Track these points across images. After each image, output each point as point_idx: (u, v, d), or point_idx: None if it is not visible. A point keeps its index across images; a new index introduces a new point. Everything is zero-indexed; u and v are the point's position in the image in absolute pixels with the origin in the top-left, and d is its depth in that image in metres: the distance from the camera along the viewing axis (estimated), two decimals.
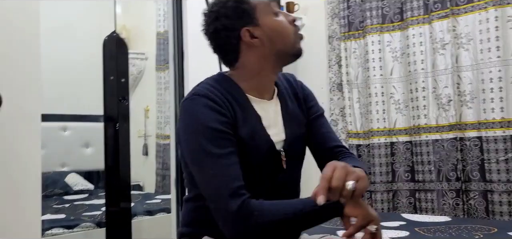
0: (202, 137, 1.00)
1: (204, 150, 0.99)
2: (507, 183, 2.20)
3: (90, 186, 3.35)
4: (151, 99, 3.71)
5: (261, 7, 1.10)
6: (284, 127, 1.15)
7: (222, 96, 1.05)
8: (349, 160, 1.14)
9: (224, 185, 0.96)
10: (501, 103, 2.23)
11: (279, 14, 1.12)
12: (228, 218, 0.95)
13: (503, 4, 2.23)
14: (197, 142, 1.00)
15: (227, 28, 1.08)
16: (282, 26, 1.11)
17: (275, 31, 1.10)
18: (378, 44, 2.67)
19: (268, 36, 1.09)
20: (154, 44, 3.67)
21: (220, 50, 1.13)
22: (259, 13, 1.09)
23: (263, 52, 1.10)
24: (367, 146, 2.71)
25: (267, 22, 1.09)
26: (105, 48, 2.01)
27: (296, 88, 1.25)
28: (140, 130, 3.77)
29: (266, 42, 1.09)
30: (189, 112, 1.04)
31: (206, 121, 1.00)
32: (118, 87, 2.01)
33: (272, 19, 1.10)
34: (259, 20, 1.09)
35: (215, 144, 0.99)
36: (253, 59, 1.10)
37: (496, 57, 2.25)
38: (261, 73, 1.12)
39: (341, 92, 2.85)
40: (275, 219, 0.95)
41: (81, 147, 3.48)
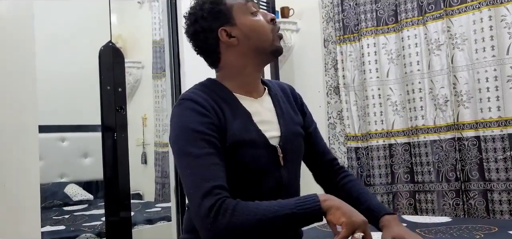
0: (183, 139, 1.03)
1: (183, 151, 1.02)
2: (506, 182, 2.21)
3: (89, 196, 3.34)
4: (148, 107, 3.71)
5: (237, 7, 1.13)
6: (279, 124, 1.16)
7: (209, 98, 1.07)
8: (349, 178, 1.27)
9: (198, 184, 0.97)
10: (498, 102, 2.24)
11: (256, 14, 1.15)
12: (199, 217, 0.95)
13: (496, 4, 2.24)
14: (179, 144, 1.03)
15: (204, 29, 1.12)
16: (259, 25, 1.13)
17: (251, 29, 1.13)
18: (373, 46, 2.69)
19: (244, 34, 1.12)
20: (150, 53, 3.68)
21: (201, 51, 1.17)
22: (235, 13, 1.12)
23: (241, 50, 1.13)
24: (365, 149, 2.72)
25: (243, 21, 1.12)
26: (101, 58, 2.01)
27: (291, 96, 1.28)
28: (138, 138, 3.76)
29: (243, 41, 1.12)
30: (175, 117, 1.07)
31: (187, 122, 1.03)
32: (116, 97, 2.01)
33: (249, 18, 1.13)
34: (235, 20, 1.12)
35: (194, 144, 1.01)
36: (233, 58, 1.14)
37: (491, 56, 2.26)
38: (243, 72, 1.14)
39: (338, 96, 2.86)
40: (251, 220, 0.93)
41: (80, 157, 3.47)
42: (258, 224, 0.93)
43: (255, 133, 1.09)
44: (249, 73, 1.15)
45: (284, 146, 1.13)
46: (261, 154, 1.09)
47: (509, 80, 2.20)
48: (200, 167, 0.99)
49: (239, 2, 1.14)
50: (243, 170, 1.05)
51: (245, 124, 1.09)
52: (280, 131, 1.14)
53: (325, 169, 1.31)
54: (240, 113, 1.10)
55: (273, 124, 1.15)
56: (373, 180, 2.65)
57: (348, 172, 1.32)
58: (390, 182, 2.62)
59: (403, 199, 2.56)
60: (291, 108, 1.24)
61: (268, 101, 1.19)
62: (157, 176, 3.60)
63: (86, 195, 3.34)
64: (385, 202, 2.61)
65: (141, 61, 3.85)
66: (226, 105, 1.09)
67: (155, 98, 3.65)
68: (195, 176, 0.98)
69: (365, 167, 2.72)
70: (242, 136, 1.06)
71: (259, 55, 1.15)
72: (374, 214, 1.17)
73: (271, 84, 1.25)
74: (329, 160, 1.31)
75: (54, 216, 2.84)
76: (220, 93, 1.11)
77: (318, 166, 1.31)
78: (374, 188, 2.65)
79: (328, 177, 1.31)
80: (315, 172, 1.33)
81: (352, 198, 1.22)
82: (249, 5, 1.14)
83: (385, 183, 2.63)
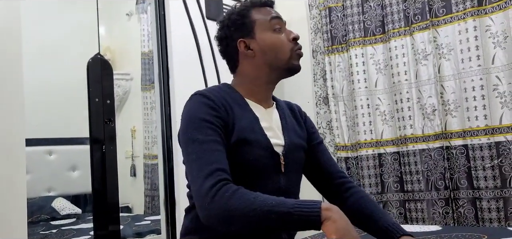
0: (190, 127, 1.07)
1: (190, 138, 1.06)
2: (494, 190, 2.23)
3: (77, 210, 3.30)
4: (137, 119, 3.69)
5: (260, 22, 1.20)
6: (283, 134, 1.21)
7: (221, 97, 1.13)
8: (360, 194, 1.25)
9: (203, 167, 1.00)
10: (484, 111, 2.27)
11: (279, 31, 1.20)
12: (200, 196, 0.97)
13: (480, 15, 2.28)
14: (187, 133, 1.07)
15: (227, 37, 1.22)
16: (277, 42, 1.19)
17: (268, 45, 1.18)
18: (361, 57, 2.71)
19: (261, 49, 1.18)
20: (139, 64, 3.66)
21: (223, 56, 1.26)
22: (257, 28, 1.19)
23: (257, 63, 1.19)
24: (355, 158, 2.73)
25: (262, 37, 1.19)
26: (89, 70, 1.99)
27: (297, 113, 1.34)
28: (127, 150, 3.73)
29: (260, 54, 1.18)
30: (185, 110, 1.12)
31: (196, 113, 1.08)
32: (104, 109, 2.00)
33: (268, 34, 1.19)
34: (255, 34, 1.19)
35: (201, 131, 1.05)
36: (249, 68, 1.21)
37: (476, 66, 2.29)
38: (256, 82, 1.21)
39: (327, 106, 2.87)
40: (246, 208, 0.93)
41: (68, 170, 3.43)
42: (252, 213, 0.93)
43: (261, 135, 1.14)
44: (262, 85, 1.21)
45: (286, 154, 1.18)
46: (264, 156, 1.13)
47: (495, 89, 2.24)
48: (205, 152, 1.02)
49: (262, 18, 1.20)
50: (245, 169, 1.09)
51: (252, 124, 1.14)
52: (284, 141, 1.19)
53: (332, 184, 1.29)
54: (249, 115, 1.15)
55: (278, 133, 1.20)
56: (363, 190, 2.66)
57: (357, 186, 1.29)
58: (380, 192, 2.63)
59: (394, 208, 2.57)
60: (297, 123, 1.29)
61: (276, 114, 1.25)
62: (146, 189, 3.57)
63: (74, 209, 3.29)
64: None
65: (130, 73, 3.84)
66: (236, 106, 1.14)
67: (144, 110, 3.64)
68: (200, 160, 1.02)
69: (355, 177, 2.73)
70: (248, 134, 1.11)
71: (273, 70, 1.20)
72: (391, 234, 1.13)
73: (280, 101, 1.32)
74: (335, 174, 1.30)
75: (42, 231, 2.79)
76: (232, 95, 1.18)
77: (324, 181, 1.30)
78: None
79: (335, 193, 1.28)
80: (321, 188, 1.32)
81: (365, 215, 1.20)
82: (273, 22, 1.20)
83: (375, 192, 2.64)
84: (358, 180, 2.69)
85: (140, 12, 3.64)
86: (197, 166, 1.01)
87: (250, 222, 0.94)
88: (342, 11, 2.80)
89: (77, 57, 2.39)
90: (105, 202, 1.99)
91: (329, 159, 1.33)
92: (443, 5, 2.42)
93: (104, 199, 1.98)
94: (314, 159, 1.30)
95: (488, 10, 2.27)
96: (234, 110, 1.12)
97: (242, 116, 1.13)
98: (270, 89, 1.25)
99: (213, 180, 0.97)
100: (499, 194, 2.22)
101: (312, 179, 1.33)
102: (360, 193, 1.26)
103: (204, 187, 0.97)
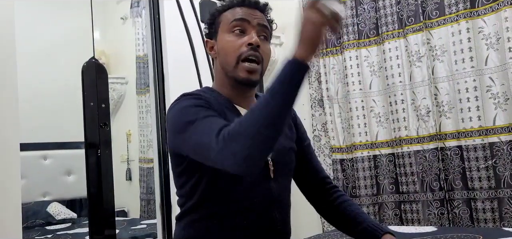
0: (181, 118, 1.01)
1: (184, 126, 1.00)
2: (489, 190, 2.24)
3: (73, 215, 3.28)
4: (132, 123, 3.68)
5: (223, 23, 1.14)
6: None
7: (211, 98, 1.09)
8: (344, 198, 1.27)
9: (208, 132, 0.93)
10: (478, 112, 2.28)
11: (240, 34, 1.10)
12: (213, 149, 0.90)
13: (473, 17, 2.30)
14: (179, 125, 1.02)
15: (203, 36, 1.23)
16: (226, 46, 1.11)
17: (220, 47, 1.14)
18: (355, 59, 2.72)
19: (218, 51, 1.15)
20: (134, 68, 3.66)
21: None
22: (220, 29, 1.14)
23: (218, 65, 1.16)
24: (350, 160, 2.74)
25: (219, 38, 1.14)
26: (84, 74, 1.99)
27: None
28: (122, 154, 3.72)
29: (218, 57, 1.15)
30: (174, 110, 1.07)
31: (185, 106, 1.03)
32: (99, 113, 1.99)
33: (225, 36, 1.13)
34: (217, 35, 1.15)
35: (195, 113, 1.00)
36: (215, 70, 1.19)
37: (470, 67, 2.31)
38: (224, 84, 1.15)
39: (322, 108, 2.88)
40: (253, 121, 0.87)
41: (63, 175, 3.42)
42: (262, 119, 0.87)
43: None
44: (230, 88, 1.15)
45: (275, 159, 1.14)
46: None
47: (488, 90, 2.25)
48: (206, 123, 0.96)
49: (226, 19, 1.13)
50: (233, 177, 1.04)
51: None
52: None
53: (317, 188, 1.30)
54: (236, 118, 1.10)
55: None
56: (359, 191, 2.67)
57: (341, 191, 1.31)
58: (375, 193, 2.64)
59: (389, 209, 2.58)
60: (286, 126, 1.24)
61: None
62: (142, 192, 3.56)
63: (69, 214, 3.27)
64: (371, 213, 2.63)
65: (125, 76, 3.83)
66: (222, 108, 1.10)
67: (139, 114, 3.63)
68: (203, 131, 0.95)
69: (350, 179, 2.74)
70: None
71: (226, 75, 1.13)
72: (375, 233, 1.17)
73: None
74: (322, 178, 1.30)
75: (37, 236, 2.78)
76: (218, 98, 1.13)
77: (310, 184, 1.30)
78: (360, 199, 2.66)
79: (321, 196, 1.29)
80: (307, 190, 1.31)
81: (349, 218, 1.22)
82: (233, 23, 1.11)
83: (370, 194, 2.65)
84: (353, 181, 2.70)
85: (134, 16, 3.64)
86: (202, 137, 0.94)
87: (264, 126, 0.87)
88: None
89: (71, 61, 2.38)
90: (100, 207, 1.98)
91: (317, 162, 1.32)
92: (436, 7, 2.44)
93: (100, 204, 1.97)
94: (303, 160, 1.27)
95: (480, 12, 2.28)
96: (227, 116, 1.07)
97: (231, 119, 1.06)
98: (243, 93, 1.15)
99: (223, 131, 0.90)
100: (493, 194, 2.23)
101: (298, 180, 1.31)
102: (345, 197, 1.28)
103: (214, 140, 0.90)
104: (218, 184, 1.07)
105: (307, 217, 2.83)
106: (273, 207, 1.12)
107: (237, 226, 1.09)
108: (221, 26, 1.14)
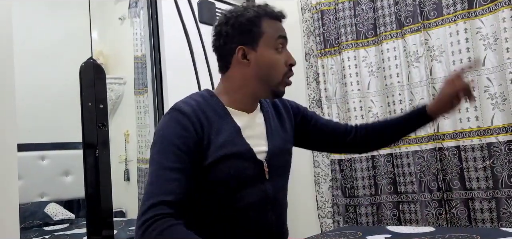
0: (158, 147, 1.04)
1: (154, 159, 1.03)
2: (486, 190, 2.25)
3: (71, 216, 3.27)
4: (131, 123, 3.67)
5: (267, 36, 1.14)
6: (267, 140, 1.18)
7: (198, 110, 1.08)
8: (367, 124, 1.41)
9: (151, 195, 0.97)
10: (476, 112, 2.29)
11: (281, 51, 1.15)
12: (136, 226, 0.97)
13: (471, 17, 2.31)
14: (153, 151, 1.05)
15: (228, 36, 1.14)
16: (275, 63, 1.14)
17: (266, 62, 1.13)
18: (354, 59, 2.72)
19: (258, 62, 1.13)
20: (132, 68, 3.65)
21: (217, 51, 1.18)
22: (263, 41, 1.13)
23: (249, 73, 1.14)
24: (348, 160, 2.74)
25: (264, 52, 1.13)
26: (82, 75, 1.99)
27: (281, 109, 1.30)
28: (121, 155, 3.71)
29: (254, 67, 1.13)
30: (160, 125, 1.09)
31: (168, 134, 1.05)
32: (97, 114, 1.99)
33: (271, 52, 1.14)
34: (258, 47, 1.13)
35: (165, 156, 1.02)
36: (238, 75, 1.15)
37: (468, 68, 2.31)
38: (241, 90, 1.16)
39: (320, 108, 2.88)
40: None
41: (61, 175, 3.41)
42: None
43: (242, 146, 1.11)
44: (247, 95, 1.17)
45: (270, 161, 1.15)
46: (247, 166, 1.10)
47: (486, 90, 2.26)
48: (161, 178, 0.99)
49: (271, 34, 1.14)
50: (228, 183, 1.06)
51: (232, 137, 1.10)
52: (267, 147, 1.16)
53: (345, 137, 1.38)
54: (229, 127, 1.11)
55: (262, 139, 1.17)
56: (357, 192, 2.67)
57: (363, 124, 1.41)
58: (373, 193, 2.64)
59: (387, 209, 2.58)
60: (281, 125, 1.26)
61: (260, 117, 1.21)
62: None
63: (67, 214, 3.26)
64: (369, 213, 2.63)
65: (123, 77, 3.83)
66: (216, 118, 1.10)
67: (138, 114, 3.62)
68: (154, 185, 0.99)
69: (348, 179, 2.74)
70: (227, 149, 1.07)
71: (261, 86, 1.16)
72: (419, 112, 1.35)
73: (263, 101, 1.27)
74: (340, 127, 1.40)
75: (34, 237, 2.77)
76: (214, 105, 1.13)
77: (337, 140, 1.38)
78: (358, 199, 2.66)
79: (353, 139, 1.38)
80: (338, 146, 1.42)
81: (386, 125, 1.39)
82: (279, 41, 1.15)
83: (368, 194, 2.65)
84: (352, 182, 2.70)
85: (132, 16, 3.63)
86: (148, 191, 0.99)
87: None
88: (334, 14, 2.81)
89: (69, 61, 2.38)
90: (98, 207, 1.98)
91: (328, 122, 1.41)
92: (434, 8, 2.44)
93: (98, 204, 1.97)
94: (319, 133, 1.35)
95: (478, 13, 2.29)
96: (212, 124, 1.08)
97: (222, 130, 1.09)
98: (255, 101, 1.20)
99: (151, 214, 0.95)
100: (491, 194, 2.23)
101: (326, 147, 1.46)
102: (366, 124, 1.41)
103: (141, 219, 0.95)
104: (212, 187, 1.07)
105: (305, 217, 2.84)
106: (268, 208, 1.13)
107: (232, 227, 1.09)
108: (265, 39, 1.13)
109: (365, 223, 2.62)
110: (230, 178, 1.07)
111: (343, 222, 2.73)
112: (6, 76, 1.60)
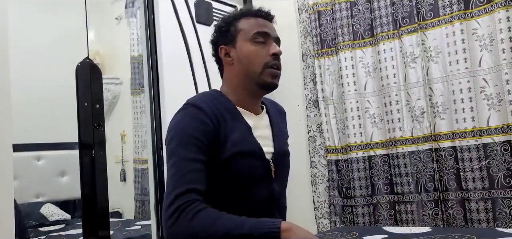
0: (177, 140, 1.07)
1: (174, 151, 1.06)
2: (482, 191, 2.25)
3: (66, 216, 3.26)
4: (127, 124, 3.67)
5: (243, 32, 1.20)
6: (273, 141, 1.22)
7: (213, 107, 1.13)
8: None
9: (177, 184, 1.01)
10: (472, 113, 2.29)
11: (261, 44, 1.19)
12: (167, 215, 0.99)
13: (467, 18, 2.31)
14: (172, 144, 1.08)
15: (214, 42, 1.25)
16: (253, 54, 1.18)
17: (244, 55, 1.18)
18: (350, 60, 2.73)
19: (238, 58, 1.19)
20: (128, 68, 3.65)
21: (214, 59, 1.28)
22: (240, 37, 1.20)
23: (235, 71, 1.20)
24: (345, 161, 2.74)
25: (241, 46, 1.19)
26: (78, 75, 1.98)
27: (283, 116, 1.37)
28: (117, 155, 3.71)
29: (236, 63, 1.19)
30: (175, 120, 1.12)
31: (186, 126, 1.08)
32: (93, 114, 1.98)
33: (247, 45, 1.18)
34: (236, 43, 1.19)
35: (185, 147, 1.05)
36: (230, 75, 1.22)
37: (464, 68, 2.32)
38: (238, 90, 1.20)
39: (317, 109, 2.88)
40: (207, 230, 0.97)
41: (57, 176, 3.40)
42: (213, 235, 0.96)
43: (254, 145, 1.15)
44: (244, 93, 1.20)
45: (276, 161, 1.19)
46: (258, 165, 1.14)
47: (482, 91, 2.26)
48: (184, 169, 1.03)
49: (247, 29, 1.19)
50: (240, 180, 1.10)
51: (245, 135, 1.14)
52: (273, 148, 1.21)
53: None
54: (242, 126, 1.15)
55: (269, 140, 1.21)
56: (354, 192, 2.67)
57: None
58: (370, 194, 2.64)
59: (384, 210, 2.58)
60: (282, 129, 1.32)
61: (266, 119, 1.26)
62: (136, 193, 3.55)
63: (63, 215, 3.25)
64: (366, 213, 2.63)
65: (120, 77, 3.82)
66: (229, 116, 1.14)
67: (134, 115, 3.62)
68: (177, 175, 1.02)
69: (345, 179, 2.74)
70: (242, 146, 1.11)
71: (248, 81, 1.19)
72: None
73: (268, 103, 1.32)
74: None
75: (30, 238, 2.76)
76: (225, 104, 1.17)
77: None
78: (355, 199, 2.66)
79: None
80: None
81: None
82: (255, 34, 1.18)
83: (365, 194, 2.65)
84: (348, 182, 2.71)
85: (129, 16, 3.63)
86: (173, 182, 1.02)
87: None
88: (331, 14, 2.81)
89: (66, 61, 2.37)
90: (94, 208, 1.97)
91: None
92: (430, 9, 2.45)
93: (94, 205, 1.97)
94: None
95: (474, 14, 2.30)
96: (226, 122, 1.12)
97: (235, 128, 1.13)
98: (256, 99, 1.24)
99: (182, 201, 0.98)
100: (487, 195, 2.24)
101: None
102: None
103: (171, 207, 0.98)
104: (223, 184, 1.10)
105: (302, 218, 2.84)
106: (274, 207, 1.18)
107: None
108: (241, 35, 1.19)
109: (361, 223, 2.62)
110: (243, 176, 1.10)
111: (339, 223, 2.73)
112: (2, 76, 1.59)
